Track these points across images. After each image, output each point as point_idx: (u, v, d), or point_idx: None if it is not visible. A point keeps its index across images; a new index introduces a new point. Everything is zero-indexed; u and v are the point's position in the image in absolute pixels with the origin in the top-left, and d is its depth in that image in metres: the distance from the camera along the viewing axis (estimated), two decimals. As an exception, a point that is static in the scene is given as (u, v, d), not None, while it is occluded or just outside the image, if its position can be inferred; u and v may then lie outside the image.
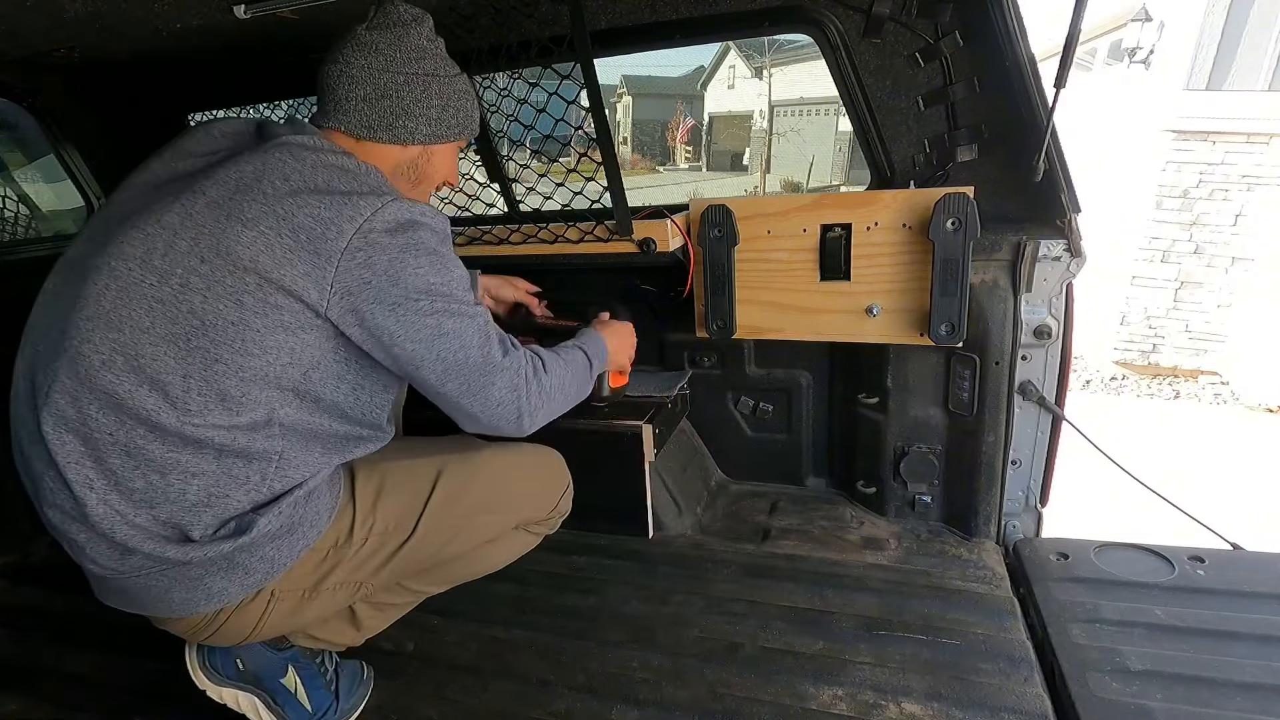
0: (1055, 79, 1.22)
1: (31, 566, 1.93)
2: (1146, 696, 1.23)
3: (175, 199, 0.98)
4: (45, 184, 2.23)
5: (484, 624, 1.56)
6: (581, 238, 1.64)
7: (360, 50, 1.09)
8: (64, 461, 0.95)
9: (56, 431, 0.95)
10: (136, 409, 0.94)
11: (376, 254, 0.97)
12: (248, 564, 1.01)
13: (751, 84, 21.69)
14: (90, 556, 0.99)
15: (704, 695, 1.33)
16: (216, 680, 1.21)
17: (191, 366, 0.94)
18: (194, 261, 0.94)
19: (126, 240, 0.97)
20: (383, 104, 1.10)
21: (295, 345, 0.98)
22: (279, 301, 0.95)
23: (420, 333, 1.02)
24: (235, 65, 1.81)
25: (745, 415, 2.07)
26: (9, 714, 1.40)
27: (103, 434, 0.95)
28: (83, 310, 0.95)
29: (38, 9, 1.25)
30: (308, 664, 1.27)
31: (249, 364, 0.96)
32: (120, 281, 0.95)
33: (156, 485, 0.95)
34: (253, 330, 0.95)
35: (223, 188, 0.98)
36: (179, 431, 0.95)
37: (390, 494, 1.17)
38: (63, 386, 0.95)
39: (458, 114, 1.17)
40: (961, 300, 1.52)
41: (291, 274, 0.95)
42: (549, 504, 1.43)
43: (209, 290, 0.94)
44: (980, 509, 1.76)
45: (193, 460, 0.96)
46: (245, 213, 0.95)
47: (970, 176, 1.54)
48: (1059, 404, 1.66)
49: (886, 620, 1.50)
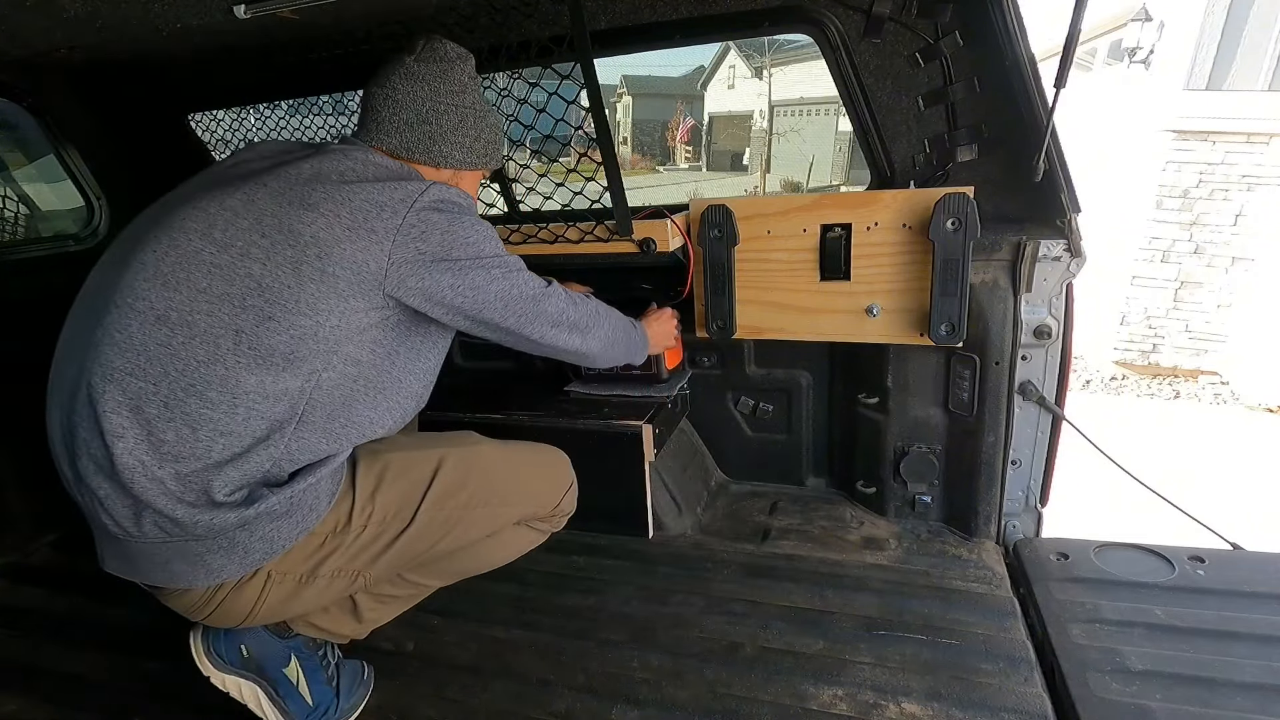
0: (1055, 79, 1.22)
1: (31, 566, 1.93)
2: (1146, 696, 1.23)
3: (237, 188, 1.08)
4: (45, 184, 2.23)
5: (484, 624, 1.56)
6: (581, 238, 1.64)
7: (406, 79, 1.21)
8: (103, 409, 0.99)
9: (101, 382, 1.00)
10: (184, 361, 1.00)
11: (430, 229, 1.09)
12: (247, 543, 1.04)
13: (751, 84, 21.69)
14: (108, 511, 1.02)
15: (704, 695, 1.33)
16: (220, 667, 1.21)
17: (244, 323, 1.01)
18: (255, 236, 1.03)
19: (188, 217, 1.06)
20: (422, 129, 1.21)
21: (345, 310, 1.05)
22: (336, 272, 1.03)
23: (479, 280, 1.15)
24: (235, 65, 1.81)
25: (745, 415, 2.07)
26: (9, 714, 1.40)
27: (146, 384, 1.00)
28: (140, 273, 1.03)
29: (38, 9, 1.25)
30: (310, 655, 1.28)
31: (300, 323, 1.02)
32: (180, 250, 1.03)
33: (186, 439, 1.00)
34: (307, 294, 1.02)
35: (284, 180, 1.08)
36: (222, 385, 1.00)
37: (390, 483, 1.20)
38: (113, 340, 1.01)
39: (488, 145, 1.30)
40: (961, 300, 1.52)
41: (350, 249, 1.04)
42: (551, 501, 1.45)
43: (268, 259, 1.02)
44: (980, 509, 1.76)
45: (225, 418, 1.01)
46: (307, 199, 1.05)
47: (970, 176, 1.54)
48: (1059, 404, 1.66)
49: (886, 620, 1.50)
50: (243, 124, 2.23)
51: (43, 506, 2.03)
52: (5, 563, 1.93)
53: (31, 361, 1.97)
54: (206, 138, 2.24)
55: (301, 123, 2.19)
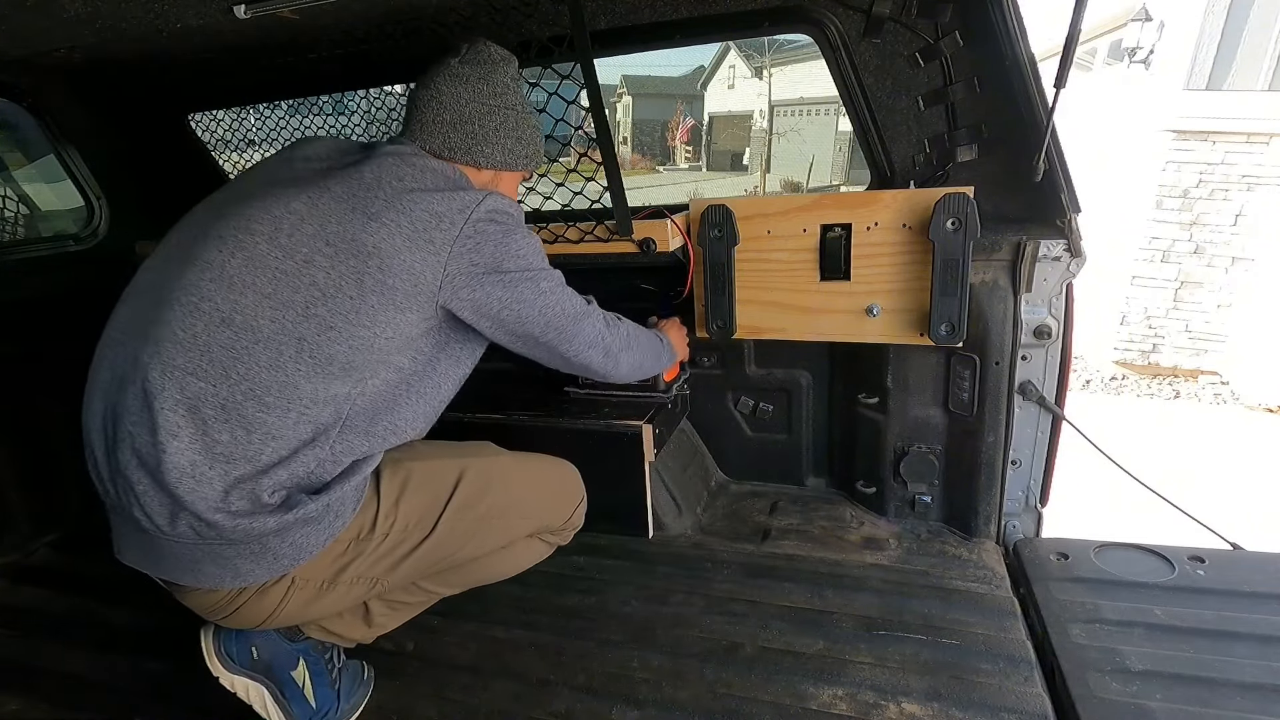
0: (1055, 79, 1.22)
1: (31, 566, 1.93)
2: (1146, 696, 1.23)
3: (301, 190, 1.09)
4: (45, 184, 2.23)
5: (484, 624, 1.56)
6: (581, 238, 1.64)
7: (451, 80, 1.22)
8: (160, 405, 0.99)
9: (160, 378, 1.00)
10: (246, 365, 1.01)
11: (484, 240, 1.12)
12: (278, 549, 1.05)
13: (751, 84, 21.69)
14: (142, 506, 1.02)
15: (704, 695, 1.33)
16: (230, 668, 1.22)
17: (306, 331, 1.03)
18: (319, 244, 1.05)
19: (254, 218, 1.07)
20: (465, 129, 1.22)
21: (401, 321, 1.09)
22: (395, 284, 1.06)
23: (525, 295, 1.18)
24: (235, 65, 1.81)
25: (745, 415, 2.07)
26: (9, 714, 1.40)
27: (206, 384, 1.01)
28: (206, 272, 1.04)
29: (38, 9, 1.25)
30: (317, 658, 1.28)
31: (359, 334, 1.06)
32: (246, 251, 1.05)
33: (240, 441, 1.01)
34: (367, 305, 1.05)
35: (346, 185, 1.10)
36: (281, 390, 1.02)
37: (413, 492, 1.21)
38: (176, 338, 1.02)
39: (528, 147, 1.31)
40: (961, 300, 1.52)
41: (410, 260, 1.06)
42: (564, 515, 1.47)
43: (332, 268, 1.04)
44: (980, 509, 1.76)
45: (278, 422, 1.02)
46: (369, 207, 1.07)
47: (970, 176, 1.54)
48: (1059, 404, 1.66)
49: (886, 620, 1.50)
50: (243, 124, 2.23)
51: (43, 506, 2.03)
52: (5, 563, 1.93)
53: (31, 361, 1.98)
54: (206, 138, 2.24)
55: (301, 123, 2.19)
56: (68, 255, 2.09)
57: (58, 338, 2.02)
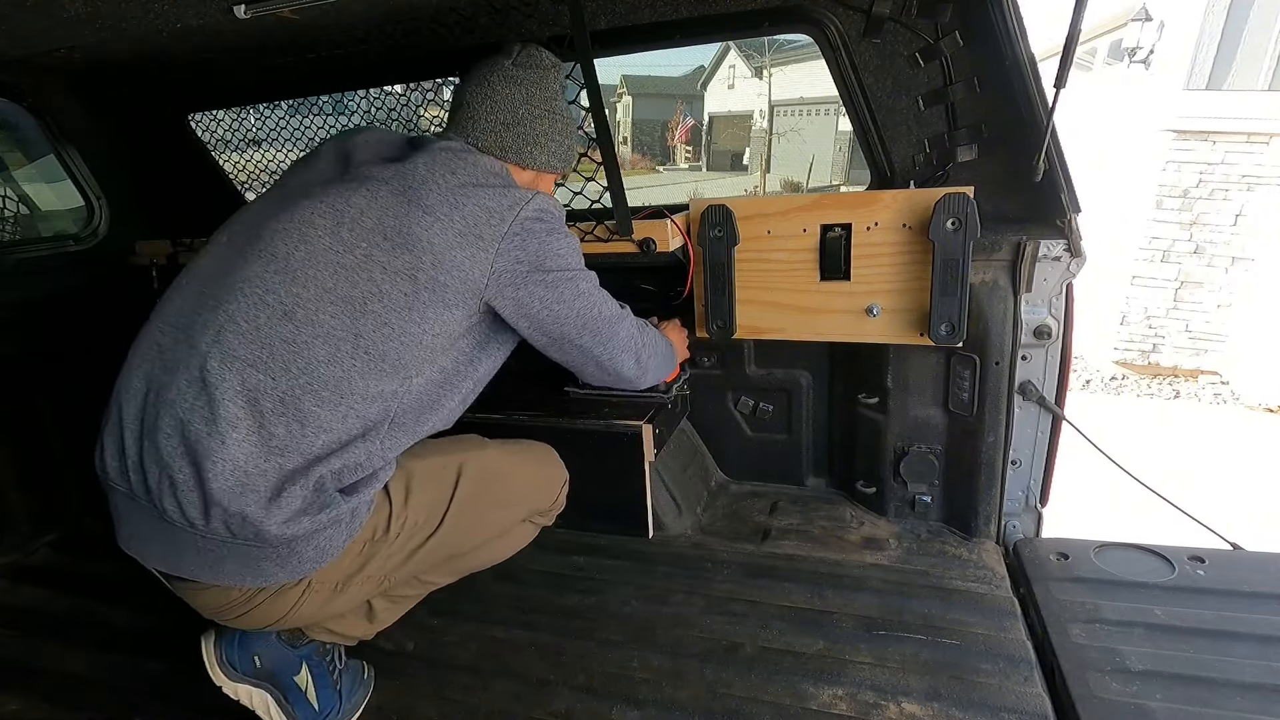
0: (1055, 79, 1.22)
1: (31, 566, 1.93)
2: (1146, 696, 1.23)
3: (361, 184, 1.13)
4: (45, 184, 2.23)
5: (484, 624, 1.56)
6: (581, 238, 1.64)
7: (506, 82, 1.26)
8: (221, 395, 1.00)
9: (222, 368, 1.01)
10: (306, 360, 1.03)
11: (530, 238, 1.15)
12: (303, 552, 1.05)
13: (751, 84, 21.69)
14: (177, 497, 1.00)
15: (704, 695, 1.33)
16: (233, 676, 1.22)
17: (364, 326, 1.06)
18: (378, 238, 1.08)
19: (316, 212, 1.10)
20: (517, 130, 1.26)
21: (447, 319, 1.12)
22: (446, 280, 1.10)
23: (565, 296, 1.22)
24: (235, 65, 1.81)
25: (745, 415, 2.07)
26: (9, 714, 1.40)
27: (266, 376, 1.02)
28: (270, 264, 1.07)
29: (38, 9, 1.25)
30: (319, 662, 1.29)
31: (411, 330, 1.09)
32: (310, 245, 1.07)
33: (295, 435, 1.02)
34: (420, 302, 1.09)
35: (403, 180, 1.13)
36: (336, 385, 1.04)
37: (419, 490, 1.23)
38: (238, 328, 1.03)
39: (569, 150, 1.37)
40: (961, 300, 1.52)
41: (460, 255, 1.10)
42: (551, 496, 1.52)
43: (388, 265, 1.07)
44: (980, 509, 1.76)
45: (330, 415, 1.04)
46: (425, 200, 1.10)
47: (970, 176, 1.54)
48: (1059, 404, 1.65)
49: (886, 620, 1.50)
50: (243, 124, 2.23)
51: (43, 506, 2.03)
52: (5, 563, 1.93)
53: (31, 361, 1.98)
54: (206, 138, 2.24)
55: (301, 123, 2.19)
56: (68, 255, 2.09)
57: (58, 338, 2.02)
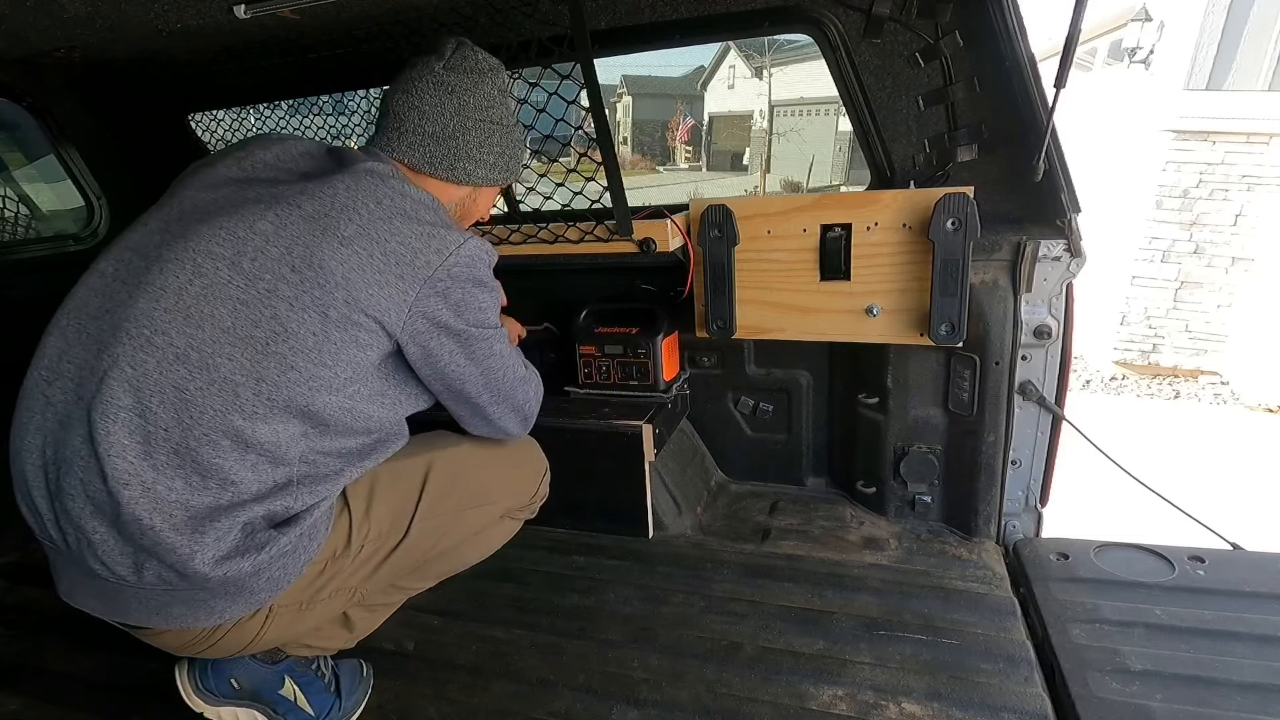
0: (1055, 79, 1.22)
1: (31, 566, 1.93)
2: (1146, 696, 1.23)
3: (268, 208, 1.00)
4: (45, 184, 2.23)
5: (484, 624, 1.56)
6: (581, 238, 1.64)
7: (435, 89, 1.14)
8: (106, 452, 0.90)
9: (104, 420, 0.91)
10: (201, 408, 0.93)
11: (453, 286, 1.06)
12: (254, 585, 0.99)
13: (751, 84, 21.68)
14: (99, 557, 0.94)
15: (704, 695, 1.33)
16: (212, 701, 1.19)
17: (266, 371, 0.96)
18: (284, 270, 0.97)
19: (214, 239, 0.98)
20: (449, 144, 1.16)
21: (360, 361, 1.03)
22: (360, 320, 1.00)
23: (475, 354, 1.15)
24: (235, 65, 1.81)
25: (745, 415, 2.07)
26: (9, 714, 1.40)
27: (157, 428, 0.92)
28: (160, 301, 0.95)
29: (38, 9, 1.25)
30: (303, 672, 1.26)
31: (320, 374, 0.99)
32: (206, 279, 0.96)
33: (196, 488, 0.93)
34: (331, 343, 0.99)
35: (318, 203, 1.01)
36: (236, 435, 0.95)
37: (381, 497, 1.17)
38: (123, 375, 0.92)
39: (510, 161, 1.25)
40: (961, 300, 1.52)
41: (378, 295, 1.00)
42: (530, 490, 1.47)
43: (296, 300, 0.97)
44: (980, 509, 1.76)
45: (237, 466, 0.95)
46: (342, 230, 1.00)
47: (970, 176, 1.54)
48: (1059, 404, 1.65)
49: (886, 620, 1.50)
50: (243, 124, 2.23)
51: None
52: (5, 563, 1.93)
53: (31, 361, 1.98)
54: (206, 138, 2.24)
55: (301, 123, 2.19)
56: (68, 255, 2.09)
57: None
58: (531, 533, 1.59)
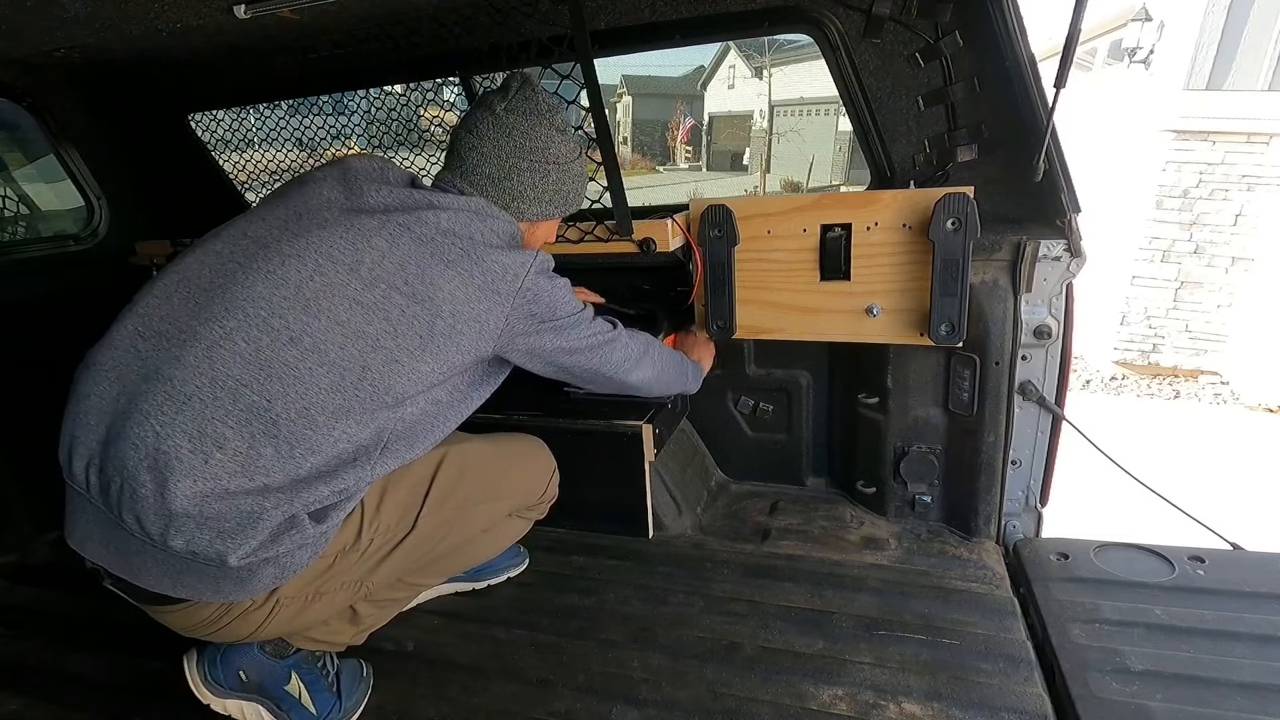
0: (1055, 79, 1.22)
1: (31, 566, 1.93)
2: (1146, 696, 1.23)
3: (381, 227, 1.11)
4: (45, 184, 2.23)
5: (484, 624, 1.56)
6: (581, 238, 1.64)
7: (494, 129, 1.22)
8: (211, 414, 0.98)
9: (213, 386, 0.99)
10: (306, 385, 1.01)
11: (540, 293, 1.19)
12: (261, 572, 1.02)
13: (751, 84, 21.68)
14: (136, 510, 0.96)
15: (704, 695, 1.33)
16: (219, 693, 1.22)
17: (373, 360, 1.05)
18: (398, 281, 1.08)
19: (334, 245, 1.08)
20: (504, 185, 1.24)
21: (455, 361, 1.13)
22: (463, 329, 1.12)
23: (572, 336, 1.27)
24: (235, 65, 1.81)
25: (745, 415, 2.07)
26: (9, 714, 1.40)
27: (260, 398, 1.00)
28: (280, 289, 1.04)
29: (38, 9, 1.25)
30: (310, 669, 1.28)
31: (420, 368, 1.09)
32: (326, 278, 1.06)
33: (284, 455, 1.00)
34: (434, 345, 1.10)
35: (427, 228, 1.13)
36: (334, 411, 1.03)
37: (392, 492, 1.21)
38: (235, 348, 1.00)
39: (567, 197, 1.32)
40: (961, 300, 1.52)
41: (479, 308, 1.13)
42: (539, 489, 1.50)
43: (407, 308, 1.08)
44: (980, 509, 1.76)
45: (324, 441, 1.02)
46: (447, 255, 1.12)
47: (970, 176, 1.54)
48: (1059, 404, 1.65)
49: (886, 620, 1.50)
50: (243, 124, 2.23)
51: (43, 506, 2.03)
52: (5, 563, 1.93)
53: (32, 361, 1.97)
54: (206, 138, 2.25)
55: (301, 123, 2.19)
56: (68, 255, 2.09)
57: (58, 338, 2.02)
58: (532, 533, 1.60)
